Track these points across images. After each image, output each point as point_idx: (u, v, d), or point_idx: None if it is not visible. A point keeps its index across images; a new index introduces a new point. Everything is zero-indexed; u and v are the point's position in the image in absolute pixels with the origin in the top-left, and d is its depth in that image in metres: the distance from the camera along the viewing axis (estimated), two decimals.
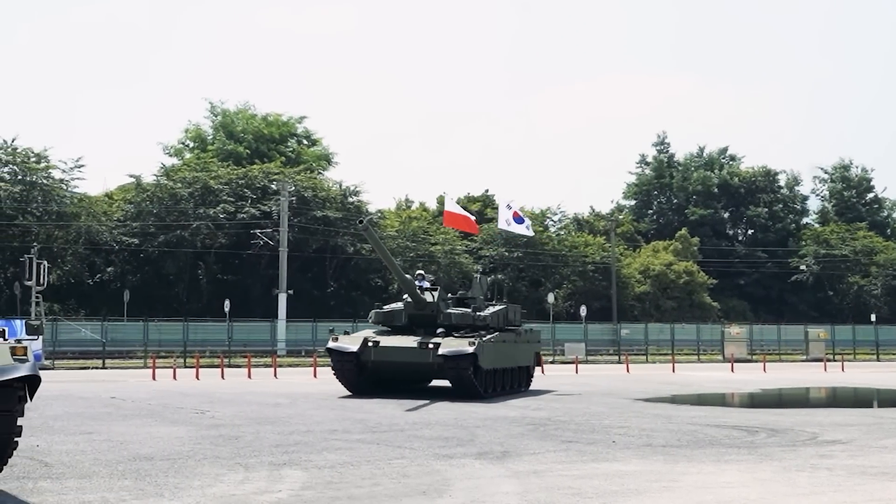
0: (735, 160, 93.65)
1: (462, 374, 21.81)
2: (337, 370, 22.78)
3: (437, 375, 22.82)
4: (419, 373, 23.12)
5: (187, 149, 76.16)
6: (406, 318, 23.65)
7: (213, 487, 9.79)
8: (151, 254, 58.18)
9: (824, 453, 12.85)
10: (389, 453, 12.54)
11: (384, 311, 24.31)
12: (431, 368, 22.23)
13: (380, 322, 24.18)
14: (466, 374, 21.76)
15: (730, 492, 9.73)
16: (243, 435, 14.58)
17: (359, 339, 22.54)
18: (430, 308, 23.36)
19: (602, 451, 12.85)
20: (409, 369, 22.72)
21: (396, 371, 22.88)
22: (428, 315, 23.33)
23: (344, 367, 22.53)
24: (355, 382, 22.80)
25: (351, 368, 22.40)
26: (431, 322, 23.10)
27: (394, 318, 23.96)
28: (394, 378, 23.44)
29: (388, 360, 22.25)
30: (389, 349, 22.32)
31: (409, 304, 23.57)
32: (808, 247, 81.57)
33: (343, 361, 22.47)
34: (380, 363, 22.35)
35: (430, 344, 21.85)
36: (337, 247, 60.31)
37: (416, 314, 23.49)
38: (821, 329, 59.34)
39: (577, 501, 9.14)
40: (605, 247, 72.40)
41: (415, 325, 23.39)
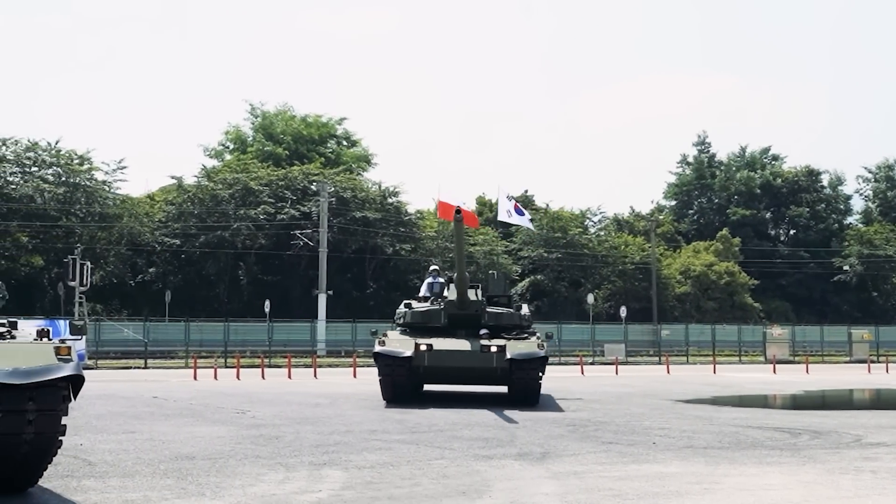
0: (777, 160, 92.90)
1: (531, 379, 20.05)
2: (385, 376, 20.31)
3: (498, 381, 20.60)
4: (478, 379, 20.97)
5: (227, 150, 76.76)
6: (446, 319, 21.19)
7: (253, 487, 9.84)
8: (192, 254, 58.65)
9: (868, 456, 12.70)
10: (429, 454, 12.54)
11: (420, 310, 21.61)
12: (493, 374, 20.15)
13: (416, 322, 21.44)
14: (536, 379, 20.15)
15: (772, 494, 9.64)
16: (283, 435, 14.63)
17: (409, 343, 19.99)
18: (474, 308, 21.11)
19: (642, 453, 12.77)
20: (466, 375, 20.73)
21: (452, 377, 21.04)
22: (471, 315, 21.07)
23: (395, 374, 20.14)
24: (405, 390, 20.57)
25: (403, 374, 20.07)
26: (475, 323, 20.96)
27: (431, 318, 21.34)
28: (448, 382, 21.97)
29: (443, 366, 20.06)
30: (445, 353, 20.01)
31: (450, 304, 21.11)
32: (852, 247, 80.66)
33: (394, 367, 20.04)
34: (433, 369, 20.13)
35: (494, 347, 19.87)
36: (376, 247, 60.49)
37: (457, 314, 21.11)
38: (864, 330, 58.72)
39: (617, 503, 9.09)
40: (645, 247, 72.06)
41: (455, 326, 21.02)
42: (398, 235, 62.38)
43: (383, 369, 20.23)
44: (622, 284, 70.45)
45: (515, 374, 19.81)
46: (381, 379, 20.42)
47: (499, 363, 19.71)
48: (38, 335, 9.29)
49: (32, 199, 55.53)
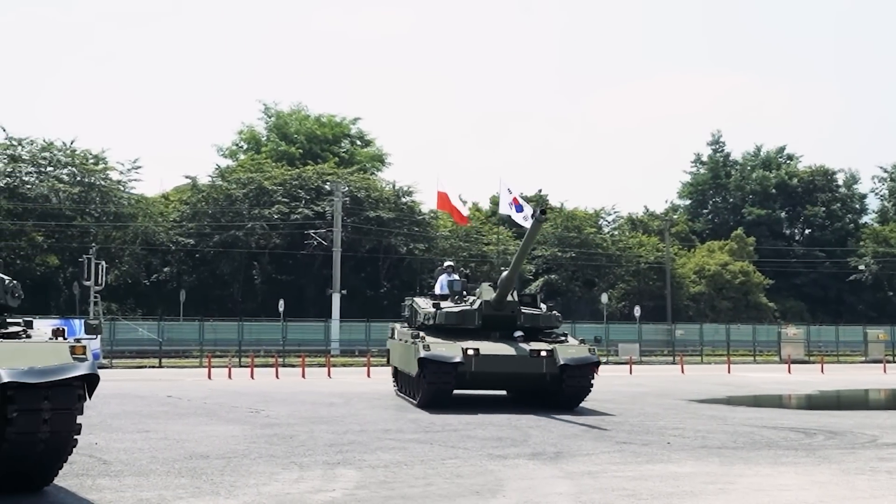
0: (792, 159, 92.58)
1: (583, 386, 19.16)
2: (432, 384, 18.82)
3: (546, 387, 19.38)
4: (525, 384, 19.92)
5: (241, 150, 76.94)
6: (480, 320, 20.01)
7: (268, 486, 9.86)
8: (207, 254, 58.81)
9: (884, 456, 12.65)
10: (443, 453, 12.54)
11: (454, 310, 20.22)
12: (542, 380, 19.11)
13: (449, 324, 20.06)
14: (588, 386, 19.27)
15: (787, 494, 9.61)
16: (297, 434, 14.65)
17: (455, 347, 18.78)
18: (510, 308, 20.07)
19: (657, 453, 12.75)
20: (513, 381, 19.76)
21: (498, 383, 20.23)
22: (506, 316, 20.05)
23: (444, 381, 18.77)
24: (449, 397, 19.37)
25: (451, 381, 18.77)
26: (509, 324, 20.02)
27: (465, 318, 20.06)
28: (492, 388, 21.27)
29: (490, 371, 18.93)
30: (493, 358, 18.88)
31: (486, 304, 19.98)
32: (867, 246, 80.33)
33: (443, 374, 18.68)
34: (480, 375, 18.94)
35: (543, 351, 18.92)
36: (390, 247, 60.54)
37: (492, 315, 19.99)
38: (880, 330, 58.43)
39: (631, 503, 9.08)
40: (659, 247, 71.92)
41: (489, 327, 19.95)
42: (412, 235, 62.42)
43: (431, 376, 18.72)
44: (636, 284, 70.34)
45: (568, 380, 18.86)
46: (427, 386, 18.90)
47: (549, 368, 18.81)
48: (53, 334, 9.34)
49: (48, 198, 55.80)
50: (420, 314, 21.01)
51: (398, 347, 22.44)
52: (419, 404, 19.54)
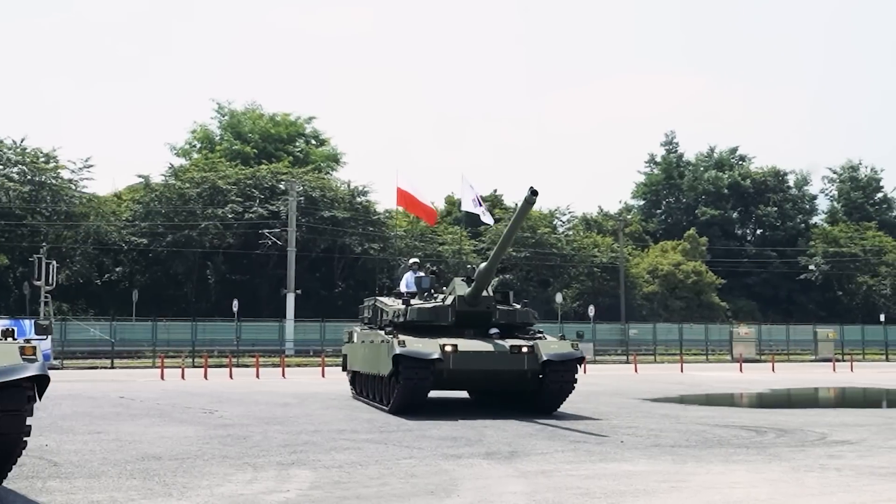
0: (745, 160, 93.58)
1: (566, 382, 18.24)
2: (409, 381, 17.49)
3: (526, 386, 18.40)
4: (504, 383, 18.72)
5: (195, 149, 76.41)
6: (453, 317, 18.92)
7: (221, 487, 9.80)
8: (160, 254, 58.36)
9: (833, 454, 12.81)
10: (398, 453, 12.53)
11: (426, 307, 19.12)
12: (523, 378, 18.10)
13: (421, 320, 18.90)
14: (572, 383, 18.34)
15: (738, 492, 9.71)
16: (252, 435, 14.58)
17: (432, 344, 17.65)
18: (486, 304, 19.03)
19: (610, 452, 12.82)
20: (492, 379, 18.56)
21: (476, 382, 19.06)
22: (481, 312, 19.03)
23: (421, 379, 17.52)
24: (425, 397, 18.33)
25: (428, 380, 17.57)
26: (485, 321, 19.04)
27: (439, 315, 18.92)
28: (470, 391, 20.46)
29: (468, 369, 17.87)
30: (471, 355, 17.82)
31: (460, 300, 18.87)
32: (818, 246, 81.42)
33: (420, 371, 17.44)
34: (458, 373, 17.82)
35: (524, 347, 17.98)
36: (345, 246, 60.44)
37: (467, 311, 18.91)
38: (830, 329, 59.25)
39: (585, 501, 9.12)
40: (613, 247, 72.36)
41: (462, 324, 18.94)
42: (367, 235, 62.33)
43: (408, 374, 17.41)
44: (590, 284, 70.73)
45: (550, 376, 17.94)
46: (404, 384, 17.52)
47: (530, 365, 17.88)
48: (2, 335, 9.21)
49: None
50: (388, 312, 19.94)
51: (360, 350, 21.45)
52: (392, 408, 18.20)
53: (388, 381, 18.31)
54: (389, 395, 18.47)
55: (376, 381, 19.69)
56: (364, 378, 21.20)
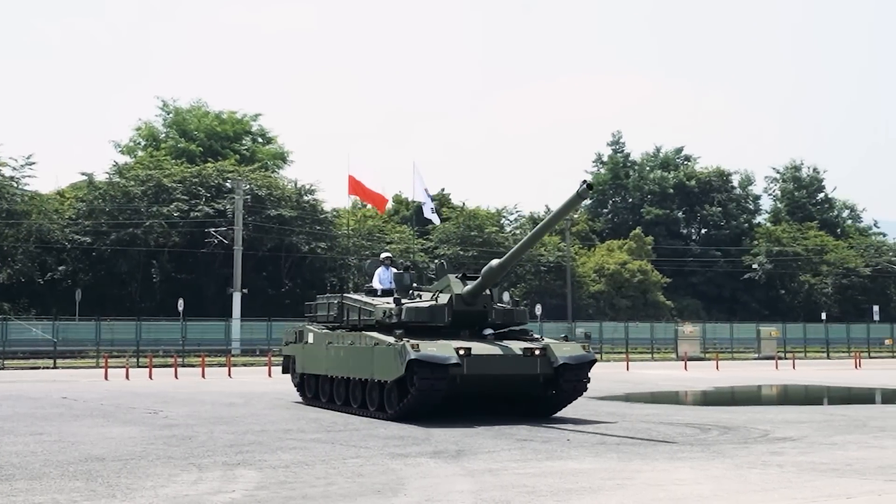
0: (690, 160, 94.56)
1: (580, 387, 17.61)
2: (424, 391, 16.23)
3: (536, 390, 17.64)
4: (516, 388, 17.64)
5: (140, 147, 75.67)
6: (450, 316, 17.76)
7: (165, 488, 9.71)
8: (104, 252, 57.68)
9: (775, 450, 12.98)
10: (344, 452, 12.50)
11: (420, 306, 17.88)
12: (535, 382, 17.27)
13: (415, 321, 17.66)
14: (585, 387, 17.75)
15: (682, 489, 9.80)
16: (197, 435, 14.47)
17: (448, 347, 16.43)
18: (483, 303, 17.96)
19: (556, 450, 12.89)
20: (504, 384, 17.36)
21: (488, 388, 17.41)
22: (478, 312, 17.99)
23: (436, 387, 16.26)
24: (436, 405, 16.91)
25: (443, 387, 16.31)
26: (481, 321, 18.07)
27: (435, 315, 17.69)
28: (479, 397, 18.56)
29: (482, 374, 16.63)
30: (485, 359, 16.64)
31: (458, 298, 17.71)
32: (761, 246, 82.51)
33: (436, 376, 16.18)
34: (472, 378, 16.51)
35: (537, 350, 17.09)
36: (292, 245, 60.18)
37: (463, 311, 17.78)
38: (772, 327, 60.06)
39: (531, 500, 9.16)
40: (560, 246, 72.73)
41: (458, 324, 17.87)
42: (314, 234, 62.11)
43: (423, 381, 16.13)
44: (537, 283, 71.05)
45: (565, 380, 17.20)
46: (417, 391, 16.22)
47: (543, 369, 17.05)
48: None
49: None
50: (374, 312, 18.40)
51: (322, 352, 19.79)
52: (399, 415, 16.79)
53: (394, 386, 16.82)
54: (392, 400, 17.06)
55: (362, 385, 18.16)
56: (331, 382, 19.62)
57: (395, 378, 16.56)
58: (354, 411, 18.19)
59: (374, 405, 17.64)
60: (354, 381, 18.41)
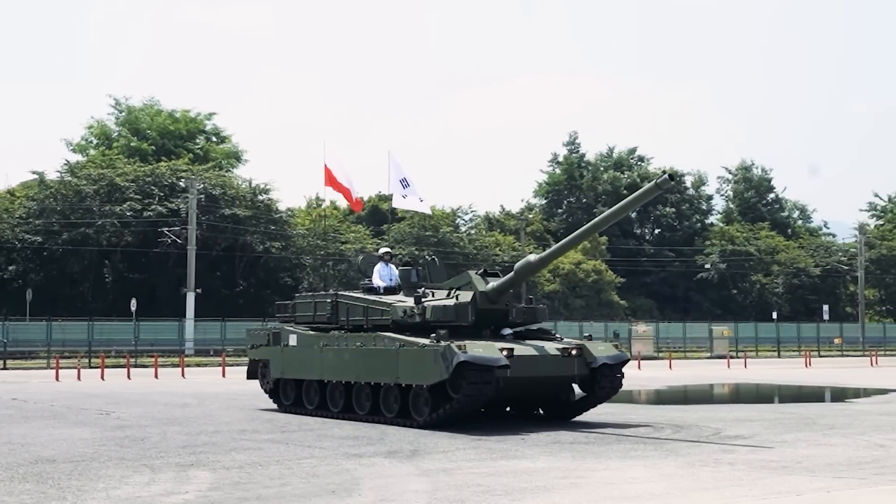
0: (644, 161, 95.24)
1: (617, 387, 17.11)
2: (471, 395, 15.19)
3: (564, 393, 16.97)
4: (551, 390, 16.97)
5: (91, 145, 74.91)
6: (473, 315, 16.72)
7: (117, 490, 9.63)
8: (55, 252, 57.04)
9: (727, 448, 13.12)
10: (299, 453, 12.47)
11: (442, 304, 16.67)
12: (568, 383, 16.77)
13: (445, 320, 16.42)
14: (620, 385, 17.26)
15: (635, 487, 9.88)
16: (149, 436, 14.37)
17: (493, 348, 15.43)
18: (506, 301, 17.22)
19: (511, 449, 12.94)
20: (542, 386, 16.70)
21: (526, 390, 16.77)
22: (500, 310, 17.15)
23: (484, 391, 15.26)
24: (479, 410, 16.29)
25: (490, 391, 15.31)
26: (502, 320, 17.26)
27: (458, 314, 16.56)
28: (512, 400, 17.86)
29: (523, 377, 15.72)
30: (527, 360, 15.79)
31: (482, 296, 16.78)
32: (714, 246, 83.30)
33: (484, 380, 15.13)
34: (514, 381, 15.58)
35: (574, 350, 16.43)
36: (246, 245, 59.85)
37: (486, 309, 16.85)
38: (724, 327, 60.66)
39: (485, 499, 9.19)
40: (515, 246, 72.93)
41: (480, 324, 16.95)
42: (268, 233, 61.80)
43: (473, 385, 15.07)
44: None
45: (603, 381, 16.62)
46: (464, 396, 15.15)
47: (579, 370, 16.43)
48: None
49: None
50: (391, 311, 17.08)
51: (316, 354, 18.09)
52: (430, 422, 15.62)
53: (428, 391, 15.62)
54: (420, 407, 15.97)
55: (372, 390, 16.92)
56: (322, 388, 18.18)
57: (433, 382, 15.37)
58: (362, 418, 16.95)
59: (393, 412, 16.41)
60: (360, 386, 17.22)
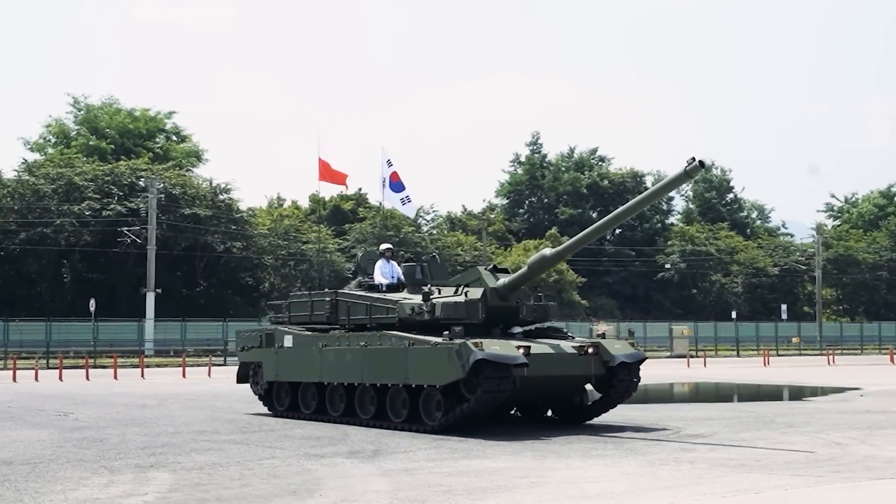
0: (604, 161, 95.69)
1: (633, 387, 16.47)
2: (488, 393, 14.44)
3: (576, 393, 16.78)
4: (565, 391, 16.62)
5: (50, 144, 74.20)
6: (484, 312, 16.02)
7: (75, 492, 9.54)
8: (12, 252, 56.47)
9: (687, 447, 13.21)
10: (259, 453, 12.42)
11: (452, 301, 15.91)
12: (582, 383, 16.41)
13: (455, 317, 15.62)
14: (636, 387, 16.61)
15: (596, 486, 9.93)
16: (108, 437, 14.26)
17: (510, 346, 14.75)
18: (517, 298, 16.58)
19: (472, 449, 12.95)
20: (557, 387, 16.21)
21: (540, 390, 16.31)
22: (511, 308, 16.51)
23: (501, 389, 14.55)
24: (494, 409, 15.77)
25: (508, 389, 14.64)
26: (512, 317, 16.59)
27: (469, 311, 15.82)
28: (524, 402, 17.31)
29: (539, 376, 15.04)
30: (543, 359, 15.14)
31: (492, 293, 16.14)
32: (674, 246, 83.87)
33: (502, 378, 14.44)
34: (530, 381, 14.90)
35: (590, 348, 15.75)
36: (207, 245, 59.53)
37: (497, 307, 16.20)
38: (684, 326, 61.07)
39: (446, 499, 9.20)
40: (476, 245, 73.03)
41: (490, 321, 16.27)
42: (229, 233, 61.50)
43: (489, 382, 14.35)
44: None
45: (620, 382, 16.02)
46: (481, 396, 14.45)
47: (596, 370, 15.77)
48: None
49: None
50: (385, 309, 16.58)
51: (315, 355, 17.36)
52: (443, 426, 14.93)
53: (441, 392, 15.01)
54: (431, 409, 15.31)
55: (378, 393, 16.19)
56: (321, 390, 17.46)
57: (447, 383, 14.74)
58: (366, 423, 16.20)
59: (401, 416, 15.69)
60: (364, 388, 16.52)
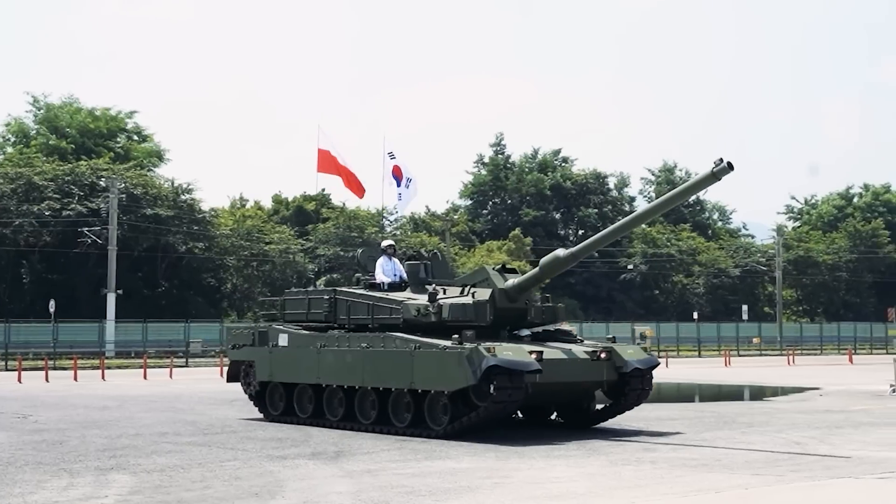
0: (567, 162, 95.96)
1: (645, 394, 16.10)
2: (503, 402, 14.10)
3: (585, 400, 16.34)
4: (576, 397, 16.13)
5: (9, 143, 73.41)
6: (492, 315, 15.58)
7: (34, 495, 9.46)
8: None
9: (649, 447, 13.30)
10: (221, 455, 12.36)
11: (459, 303, 15.39)
12: (592, 389, 15.94)
13: (463, 319, 15.17)
14: (648, 393, 16.26)
15: (559, 486, 9.97)
16: (68, 439, 14.13)
17: (520, 351, 14.31)
18: (525, 299, 16.09)
19: (435, 450, 12.96)
20: (568, 393, 15.76)
21: (552, 397, 15.84)
22: (519, 310, 16.06)
23: (514, 397, 14.14)
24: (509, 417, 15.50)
25: (521, 397, 14.23)
26: (520, 320, 16.24)
27: (477, 313, 15.32)
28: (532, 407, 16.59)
29: (551, 382, 14.51)
30: (556, 364, 14.64)
31: (500, 294, 15.65)
32: (637, 247, 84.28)
33: (515, 385, 13.98)
34: (542, 387, 14.40)
35: (603, 353, 15.26)
36: (168, 245, 59.11)
37: (505, 308, 15.74)
38: (647, 326, 61.41)
39: (409, 500, 9.20)
40: (440, 247, 73.04)
41: (498, 324, 15.84)
42: (191, 234, 61.11)
43: (502, 389, 13.88)
44: None
45: (633, 387, 15.61)
46: (494, 403, 14.02)
47: (608, 375, 15.31)
48: None
49: None
50: (388, 309, 15.95)
51: (313, 356, 16.64)
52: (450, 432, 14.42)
53: (448, 398, 14.50)
54: (437, 415, 14.79)
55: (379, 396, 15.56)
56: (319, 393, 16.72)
57: (456, 388, 14.25)
58: (366, 428, 15.54)
59: (405, 421, 15.11)
60: (365, 391, 15.85)
